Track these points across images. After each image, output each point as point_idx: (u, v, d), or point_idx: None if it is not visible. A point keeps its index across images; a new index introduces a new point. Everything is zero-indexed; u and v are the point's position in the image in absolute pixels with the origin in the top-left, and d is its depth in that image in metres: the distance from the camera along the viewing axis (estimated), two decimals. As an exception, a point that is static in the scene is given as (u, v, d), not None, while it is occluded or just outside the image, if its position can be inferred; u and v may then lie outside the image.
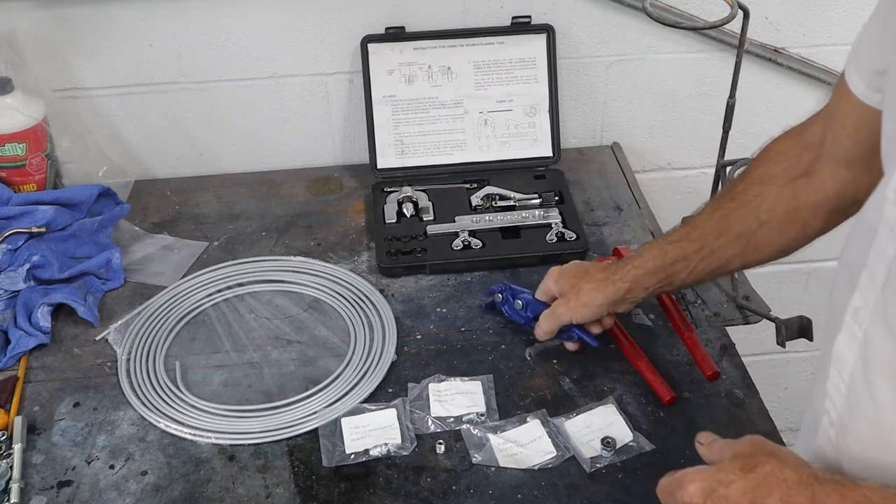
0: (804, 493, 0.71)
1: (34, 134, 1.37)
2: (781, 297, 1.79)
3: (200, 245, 1.39)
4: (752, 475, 0.75)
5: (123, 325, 1.23)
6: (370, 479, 1.02)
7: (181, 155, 1.58)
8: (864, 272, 0.69)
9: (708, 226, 1.03)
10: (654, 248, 1.08)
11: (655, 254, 1.07)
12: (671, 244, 1.06)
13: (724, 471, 0.77)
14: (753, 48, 1.54)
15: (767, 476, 0.74)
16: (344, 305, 1.26)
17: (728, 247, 1.02)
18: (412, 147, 1.51)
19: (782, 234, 0.99)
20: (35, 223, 1.31)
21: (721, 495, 0.75)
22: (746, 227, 1.00)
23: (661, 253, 1.06)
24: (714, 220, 1.03)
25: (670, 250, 1.06)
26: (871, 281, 0.68)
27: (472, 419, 1.08)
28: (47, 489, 1.02)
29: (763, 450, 0.78)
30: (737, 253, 1.02)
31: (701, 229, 1.04)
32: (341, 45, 1.50)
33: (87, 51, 1.46)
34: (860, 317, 0.69)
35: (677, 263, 1.05)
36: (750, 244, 1.00)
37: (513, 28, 1.49)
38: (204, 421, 1.09)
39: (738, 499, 0.74)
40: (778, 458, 0.76)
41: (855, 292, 0.70)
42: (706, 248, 1.03)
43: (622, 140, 1.64)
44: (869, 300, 0.68)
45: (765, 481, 0.74)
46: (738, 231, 1.01)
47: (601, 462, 1.03)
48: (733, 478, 0.75)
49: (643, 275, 1.07)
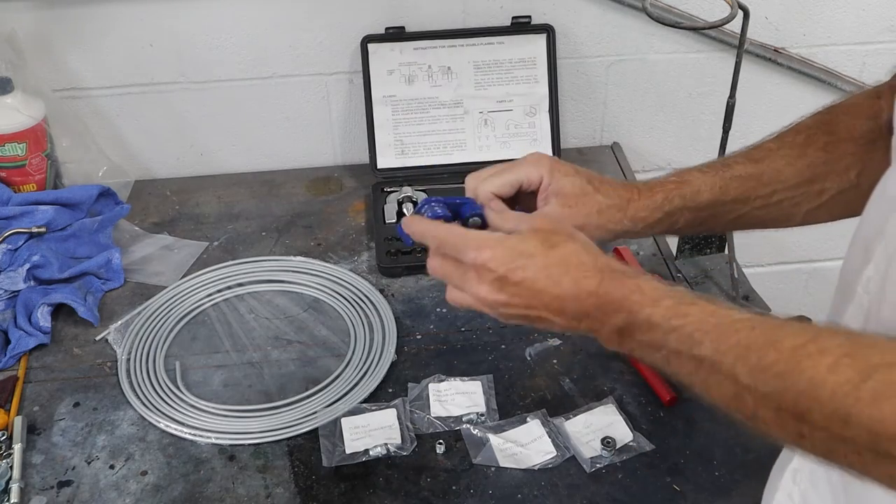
0: (595, 277, 0.74)
1: (34, 134, 1.37)
2: (781, 297, 1.79)
3: (200, 245, 1.39)
4: (553, 251, 0.75)
5: (123, 325, 1.24)
6: (370, 479, 1.02)
7: (181, 155, 1.58)
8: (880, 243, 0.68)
9: (787, 172, 0.89)
10: (713, 178, 0.90)
11: (714, 186, 0.89)
12: (735, 180, 0.89)
13: (526, 242, 0.76)
14: (753, 48, 1.54)
15: (567, 255, 0.75)
16: (344, 305, 1.26)
17: (803, 200, 0.89)
18: (412, 147, 1.51)
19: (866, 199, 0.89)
20: (35, 223, 1.31)
21: (520, 265, 0.75)
22: (834, 184, 0.88)
23: (723, 187, 0.90)
24: (797, 167, 0.89)
25: (732, 186, 0.89)
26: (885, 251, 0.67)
27: (472, 419, 1.08)
28: (47, 489, 1.02)
29: (564, 230, 0.78)
30: (810, 209, 0.89)
31: (777, 172, 0.89)
32: (341, 45, 1.50)
33: (88, 51, 1.46)
34: (870, 287, 0.69)
35: (733, 205, 0.90)
36: (830, 202, 0.89)
37: (513, 28, 1.49)
38: (204, 421, 1.09)
39: (537, 273, 0.74)
40: (578, 241, 0.77)
41: (869, 263, 0.69)
42: (776, 196, 0.89)
43: (622, 140, 1.64)
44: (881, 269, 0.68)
45: (564, 260, 0.75)
46: (822, 186, 0.88)
47: (601, 462, 1.03)
48: (535, 251, 0.75)
49: (686, 209, 0.90)
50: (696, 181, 0.90)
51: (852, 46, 1.58)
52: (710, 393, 0.68)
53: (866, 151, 0.86)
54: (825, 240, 1.76)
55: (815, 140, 0.89)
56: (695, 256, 1.35)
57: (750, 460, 1.04)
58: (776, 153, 0.90)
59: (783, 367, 0.61)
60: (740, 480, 1.01)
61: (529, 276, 0.75)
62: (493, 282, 0.76)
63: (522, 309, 0.77)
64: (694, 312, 0.69)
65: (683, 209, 0.90)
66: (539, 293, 0.75)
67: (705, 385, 0.68)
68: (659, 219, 0.90)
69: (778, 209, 0.90)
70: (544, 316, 0.76)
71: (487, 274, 0.76)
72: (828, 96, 1.60)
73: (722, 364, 0.65)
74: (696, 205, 0.90)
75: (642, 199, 0.91)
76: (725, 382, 0.65)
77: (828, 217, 0.90)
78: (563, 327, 0.77)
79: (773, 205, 0.90)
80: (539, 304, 0.76)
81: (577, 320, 0.75)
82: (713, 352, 0.66)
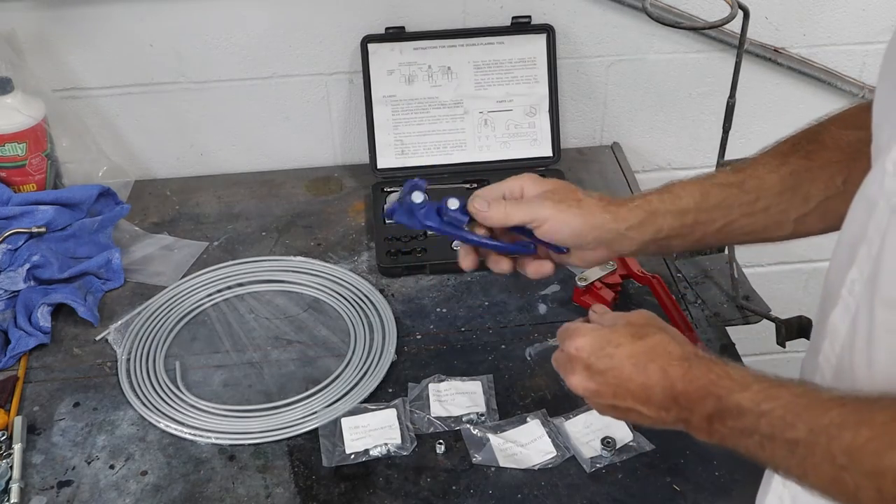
0: (682, 366, 0.76)
1: (34, 134, 1.37)
2: (781, 297, 1.79)
3: (200, 245, 1.39)
4: (640, 342, 0.79)
5: (123, 325, 1.24)
6: (370, 479, 1.02)
7: (181, 155, 1.58)
8: (863, 246, 0.68)
9: (770, 179, 0.89)
10: (693, 185, 0.90)
11: (694, 191, 0.89)
12: (716, 186, 0.89)
13: (617, 333, 0.81)
14: (753, 48, 1.54)
15: (655, 346, 0.79)
16: (344, 305, 1.26)
17: (788, 208, 0.88)
18: (412, 147, 1.51)
19: None
20: (35, 223, 1.31)
21: (607, 353, 0.80)
22: (818, 191, 0.87)
23: (703, 193, 0.89)
24: (780, 174, 0.88)
25: (713, 193, 0.89)
26: (868, 253, 0.67)
27: (472, 419, 1.08)
28: (47, 489, 1.02)
29: (655, 324, 0.82)
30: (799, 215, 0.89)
31: (760, 180, 0.89)
32: (341, 45, 1.50)
33: (88, 51, 1.46)
34: (855, 289, 0.69)
35: (716, 211, 0.89)
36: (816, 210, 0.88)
37: (513, 28, 1.49)
38: (204, 421, 1.09)
39: (623, 360, 0.79)
40: (668, 333, 0.80)
41: (853, 266, 0.69)
42: (761, 203, 0.88)
43: (622, 140, 1.64)
44: (864, 272, 0.68)
45: (651, 350, 0.79)
46: (807, 192, 0.87)
47: (601, 462, 1.03)
48: (623, 340, 0.80)
49: (666, 212, 0.89)
50: (677, 188, 0.91)
51: (852, 46, 1.58)
52: (808, 478, 0.67)
53: (853, 160, 0.85)
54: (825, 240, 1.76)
55: (799, 148, 0.89)
56: (695, 256, 1.35)
57: (750, 460, 1.03)
58: (759, 162, 0.91)
59: (877, 444, 0.60)
60: (740, 480, 1.01)
61: (616, 364, 0.79)
62: (583, 370, 0.81)
63: (611, 398, 0.80)
64: (784, 395, 0.68)
65: (666, 213, 0.89)
66: (625, 381, 0.78)
67: (802, 469, 0.66)
68: (641, 220, 0.89)
69: (765, 216, 0.89)
70: (632, 406, 0.79)
71: (579, 362, 0.81)
72: (827, 96, 1.60)
73: (817, 445, 0.64)
74: (676, 208, 0.89)
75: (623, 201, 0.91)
76: (823, 465, 0.64)
77: (819, 224, 0.90)
78: (653, 419, 0.79)
79: (760, 212, 0.89)
80: (626, 394, 0.78)
81: (665, 410, 0.77)
82: (807, 433, 0.65)
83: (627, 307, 1.25)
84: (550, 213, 0.89)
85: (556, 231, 0.89)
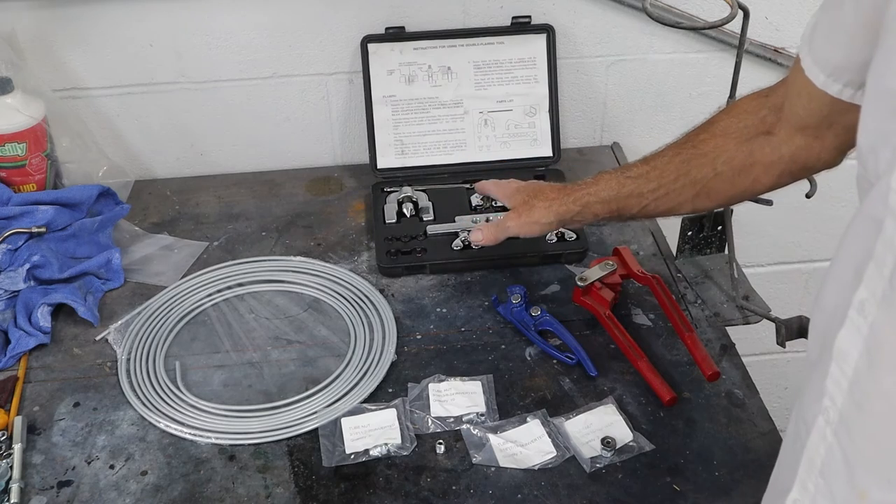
0: None
1: (34, 134, 1.37)
2: (781, 297, 1.79)
3: (200, 245, 1.39)
4: None
5: (123, 325, 1.24)
6: (370, 479, 1.02)
7: (181, 155, 1.58)
8: (871, 264, 0.68)
9: (668, 169, 1.08)
10: (612, 178, 1.12)
11: (612, 185, 1.12)
12: (629, 179, 1.11)
13: None
14: (753, 48, 1.54)
15: None
16: (344, 305, 1.26)
17: (682, 191, 1.07)
18: (412, 147, 1.51)
19: (733, 186, 1.05)
20: (35, 223, 1.31)
21: None
22: (703, 174, 1.05)
23: (618, 185, 1.11)
24: (674, 164, 1.07)
25: (627, 184, 1.10)
26: (878, 272, 0.67)
27: (472, 419, 1.08)
28: (47, 489, 1.02)
29: None
30: (689, 198, 1.08)
31: (661, 170, 1.08)
32: (341, 45, 1.50)
33: (88, 51, 1.46)
34: (866, 310, 0.69)
35: (631, 199, 1.10)
36: (703, 191, 1.06)
37: (513, 28, 1.49)
38: (204, 421, 1.09)
39: None
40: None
41: (861, 286, 0.69)
42: (662, 189, 1.08)
43: (622, 140, 1.64)
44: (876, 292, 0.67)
45: None
46: (694, 177, 1.06)
47: (601, 462, 1.03)
48: None
49: (595, 202, 1.13)
50: (602, 181, 1.13)
51: (852, 46, 1.58)
52: None
53: (739, 144, 1.03)
54: (825, 240, 1.76)
55: (692, 138, 1.08)
56: (695, 256, 1.35)
57: (750, 460, 1.04)
58: (661, 154, 1.10)
59: None
60: (740, 480, 1.01)
61: None
62: None
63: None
64: None
65: (595, 203, 1.12)
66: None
67: None
68: (579, 211, 1.14)
69: (668, 200, 1.08)
70: None
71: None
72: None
73: None
74: (601, 199, 1.12)
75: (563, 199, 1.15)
76: None
77: (707, 202, 1.08)
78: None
79: (663, 197, 1.08)
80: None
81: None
82: None
83: (627, 307, 1.25)
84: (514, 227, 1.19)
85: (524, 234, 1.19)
